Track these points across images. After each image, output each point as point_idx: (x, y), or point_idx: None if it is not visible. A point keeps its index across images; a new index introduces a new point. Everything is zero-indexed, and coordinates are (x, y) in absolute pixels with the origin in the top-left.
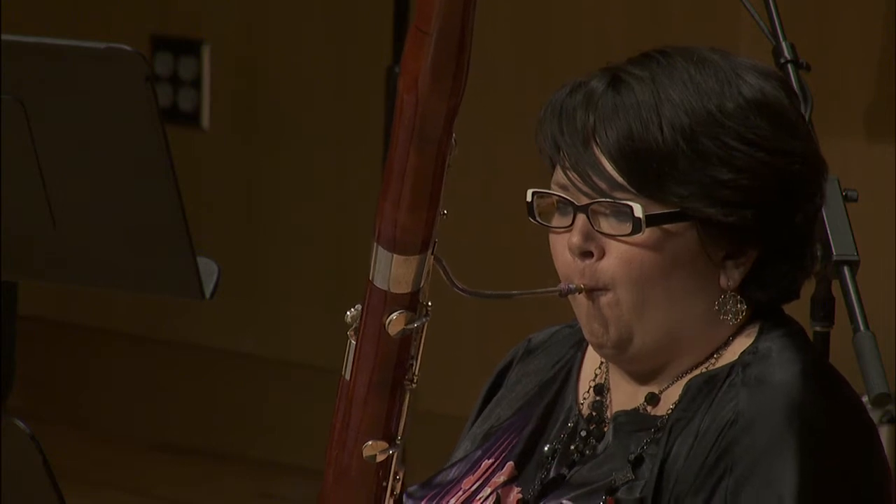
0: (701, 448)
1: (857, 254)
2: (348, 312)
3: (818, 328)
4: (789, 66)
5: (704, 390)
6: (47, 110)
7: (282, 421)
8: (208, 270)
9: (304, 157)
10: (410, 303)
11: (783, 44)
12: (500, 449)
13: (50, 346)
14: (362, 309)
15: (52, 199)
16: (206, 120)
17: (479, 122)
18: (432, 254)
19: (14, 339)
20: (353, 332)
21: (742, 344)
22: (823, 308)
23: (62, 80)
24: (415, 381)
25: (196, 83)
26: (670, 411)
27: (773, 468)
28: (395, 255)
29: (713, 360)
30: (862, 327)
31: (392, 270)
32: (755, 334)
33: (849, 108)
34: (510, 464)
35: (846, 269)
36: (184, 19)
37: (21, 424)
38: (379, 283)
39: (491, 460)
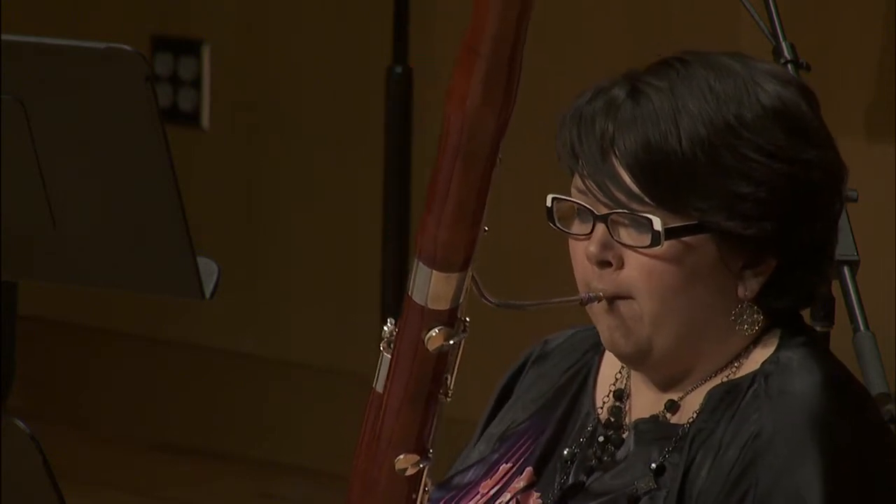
0: (724, 461)
1: (857, 254)
2: (385, 327)
3: (818, 328)
4: (789, 66)
5: (727, 400)
6: (47, 110)
7: (282, 421)
8: (208, 270)
9: (304, 157)
10: (449, 319)
11: (783, 44)
12: (518, 453)
13: (50, 346)
14: (399, 322)
15: (52, 199)
16: (206, 120)
17: None
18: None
19: (14, 339)
20: (386, 346)
21: (762, 353)
22: (823, 308)
23: (62, 80)
24: (449, 394)
25: (196, 83)
26: (691, 420)
27: (798, 480)
28: (434, 272)
29: (734, 369)
30: (862, 327)
31: (431, 287)
32: (776, 342)
33: (849, 108)
34: (529, 469)
35: (846, 269)
36: (184, 19)
37: (21, 424)
38: (417, 298)
39: (509, 465)
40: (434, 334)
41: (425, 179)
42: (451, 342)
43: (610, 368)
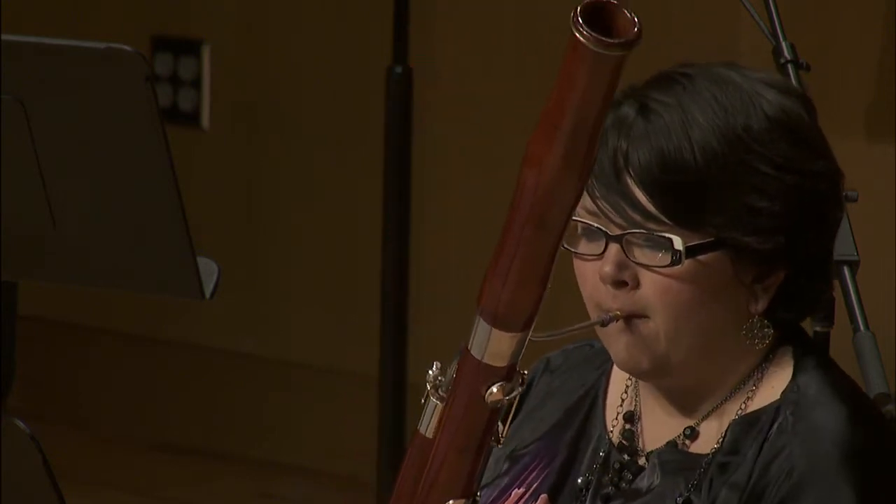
0: (753, 499)
1: (857, 254)
2: (430, 371)
3: (818, 328)
4: (789, 66)
5: (752, 433)
6: (47, 110)
7: (282, 421)
8: (208, 270)
9: (304, 157)
10: (507, 374)
11: (783, 44)
12: (530, 478)
13: (50, 346)
14: (455, 373)
15: (52, 199)
16: (206, 120)
17: (483, 124)
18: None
19: (14, 339)
20: (433, 391)
21: (778, 377)
22: (823, 308)
23: (62, 80)
24: (501, 441)
25: (196, 83)
26: (714, 450)
27: None
28: (494, 330)
29: (751, 393)
30: (862, 327)
31: (490, 344)
32: (789, 365)
33: (849, 108)
34: (544, 496)
35: (846, 269)
36: (184, 19)
37: (21, 424)
38: (475, 352)
39: (521, 489)
40: (494, 390)
41: (425, 179)
42: (509, 397)
43: (617, 387)
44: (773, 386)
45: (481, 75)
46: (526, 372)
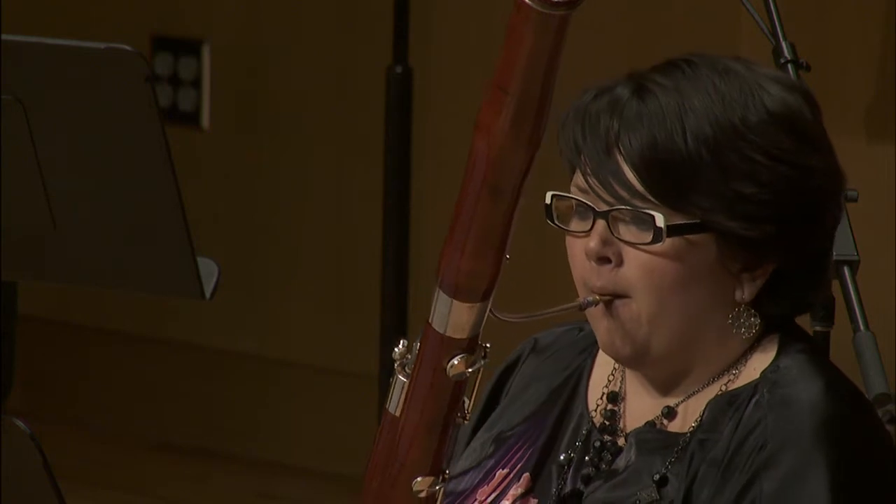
0: (728, 473)
1: (857, 254)
2: (396, 349)
3: (818, 328)
4: (789, 66)
5: (728, 411)
6: (47, 110)
7: (282, 421)
8: (208, 270)
9: (304, 157)
10: (469, 346)
11: (783, 44)
12: (514, 459)
13: (50, 346)
14: (419, 349)
15: (52, 199)
16: (206, 120)
17: None
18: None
19: (14, 339)
20: (400, 368)
21: (761, 360)
22: (823, 308)
23: (62, 80)
24: (467, 417)
25: (196, 83)
26: (692, 429)
27: (805, 491)
28: (454, 301)
29: (732, 376)
30: (862, 327)
31: (451, 316)
32: (774, 350)
33: (849, 108)
34: (526, 475)
35: (846, 269)
36: (184, 19)
37: (21, 424)
38: (437, 326)
39: (505, 470)
40: (455, 363)
41: (425, 179)
42: (471, 370)
43: (603, 369)
44: (755, 368)
45: (481, 75)
46: (489, 345)
